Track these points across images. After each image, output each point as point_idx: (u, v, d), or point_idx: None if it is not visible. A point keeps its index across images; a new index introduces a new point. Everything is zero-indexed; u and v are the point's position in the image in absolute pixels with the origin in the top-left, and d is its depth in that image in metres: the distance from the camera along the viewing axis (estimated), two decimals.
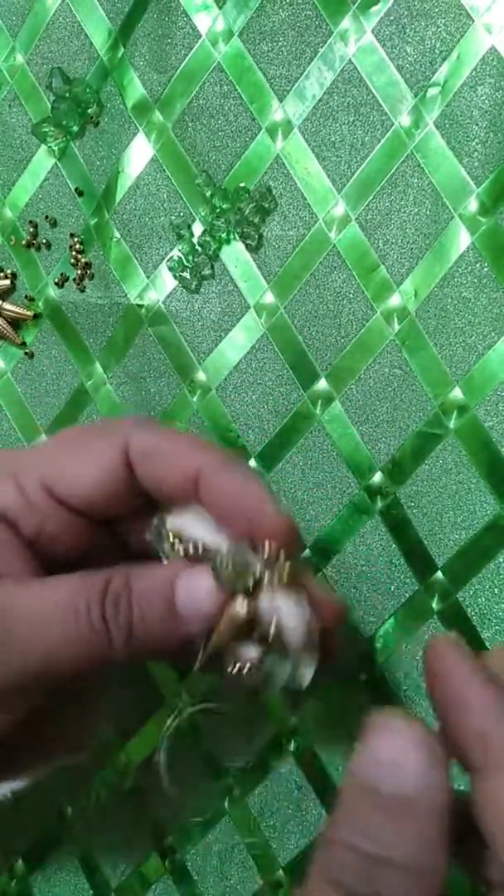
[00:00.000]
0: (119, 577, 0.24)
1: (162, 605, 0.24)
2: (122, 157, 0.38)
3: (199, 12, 0.36)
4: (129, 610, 0.23)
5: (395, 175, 0.33)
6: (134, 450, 0.25)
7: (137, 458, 0.25)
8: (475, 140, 0.31)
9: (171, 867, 0.36)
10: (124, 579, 0.24)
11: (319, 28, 0.33)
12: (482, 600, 0.31)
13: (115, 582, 0.24)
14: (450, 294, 0.32)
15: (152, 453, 0.25)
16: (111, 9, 0.38)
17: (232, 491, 0.24)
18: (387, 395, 0.33)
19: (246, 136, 0.35)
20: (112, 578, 0.24)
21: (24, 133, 0.40)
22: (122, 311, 0.38)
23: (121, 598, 0.23)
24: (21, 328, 0.41)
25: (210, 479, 0.24)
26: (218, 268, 0.36)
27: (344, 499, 0.34)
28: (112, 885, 0.38)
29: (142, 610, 0.24)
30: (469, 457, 0.32)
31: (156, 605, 0.24)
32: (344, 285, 0.34)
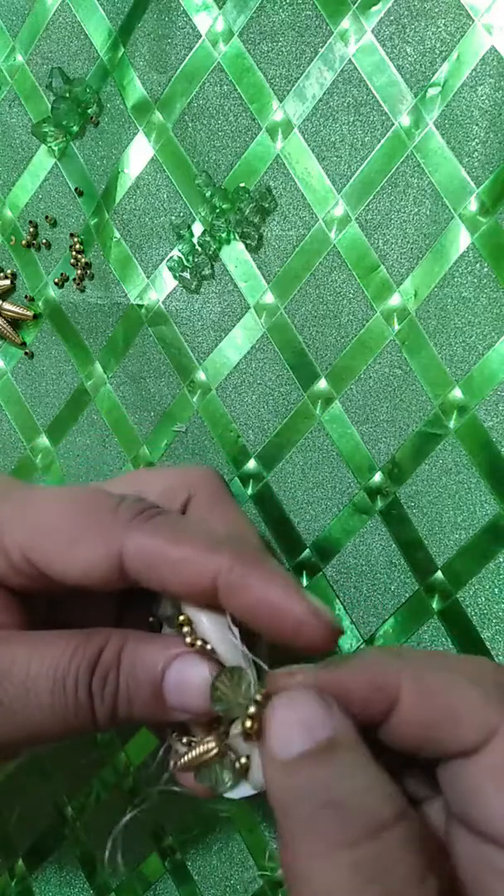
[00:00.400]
0: (111, 650, 0.22)
1: (149, 689, 0.22)
2: (122, 157, 0.38)
3: (199, 12, 0.36)
4: (116, 688, 0.22)
5: (395, 175, 0.33)
6: (130, 557, 0.22)
7: (135, 566, 0.22)
8: (475, 140, 0.31)
9: (171, 867, 0.36)
10: (116, 651, 0.22)
11: (319, 28, 0.33)
12: (482, 600, 0.31)
13: (107, 654, 0.22)
14: (450, 294, 0.32)
15: (153, 563, 0.22)
16: (111, 9, 0.38)
17: (259, 593, 0.21)
18: (387, 395, 0.33)
19: (246, 136, 0.35)
20: (104, 649, 0.22)
21: (24, 133, 0.40)
22: (122, 311, 0.38)
23: (110, 674, 0.22)
24: (21, 328, 0.41)
25: (230, 588, 0.21)
26: (218, 268, 0.36)
27: (344, 499, 0.34)
28: (112, 885, 0.38)
29: (128, 691, 0.22)
30: (469, 457, 0.32)
31: (143, 688, 0.22)
32: (344, 285, 0.34)
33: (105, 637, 0.23)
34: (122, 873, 0.22)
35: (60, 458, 0.40)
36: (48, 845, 0.39)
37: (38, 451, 0.41)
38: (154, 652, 0.22)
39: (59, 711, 0.22)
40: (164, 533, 0.22)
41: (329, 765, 0.18)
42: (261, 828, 0.35)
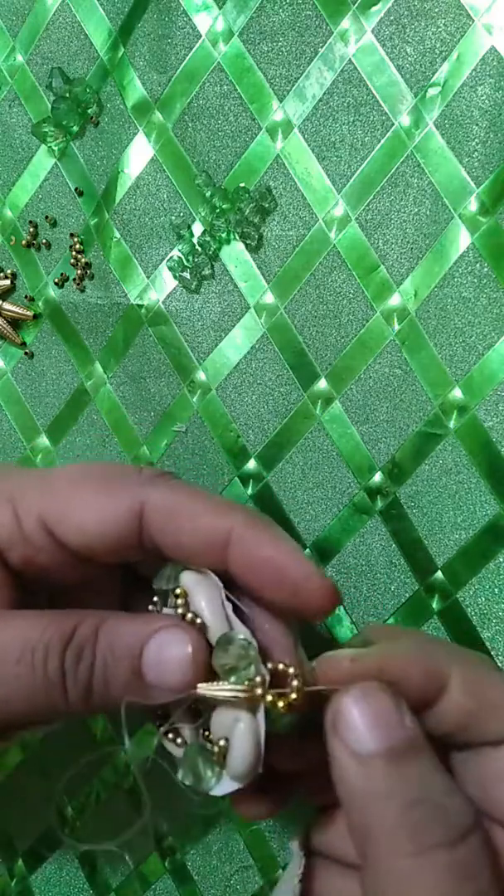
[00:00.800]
0: (88, 624, 0.21)
1: (127, 666, 0.21)
2: (122, 157, 0.38)
3: (199, 12, 0.36)
4: (92, 665, 0.21)
5: (395, 175, 0.33)
6: (152, 509, 0.23)
7: (155, 519, 0.23)
8: (475, 140, 0.31)
9: (171, 867, 0.36)
10: (94, 627, 0.21)
11: (319, 28, 0.33)
12: (482, 600, 0.31)
13: (83, 629, 0.21)
14: (450, 294, 0.32)
15: (174, 514, 0.22)
16: (111, 9, 0.38)
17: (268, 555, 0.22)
18: (387, 395, 0.33)
19: (246, 136, 0.35)
20: (81, 624, 0.21)
21: (24, 133, 0.40)
22: (122, 311, 0.38)
23: (84, 650, 0.21)
24: (21, 328, 0.41)
25: (242, 544, 0.22)
26: (218, 268, 0.36)
27: (344, 499, 0.34)
28: (112, 885, 0.38)
29: (105, 668, 0.21)
30: (469, 457, 0.32)
31: (121, 665, 0.21)
32: (344, 285, 0.34)
33: (82, 614, 0.22)
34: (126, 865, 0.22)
35: (60, 458, 0.40)
36: (48, 845, 0.39)
37: (38, 451, 0.41)
38: (134, 627, 0.22)
39: (25, 684, 0.21)
40: (186, 490, 0.23)
41: (412, 764, 0.18)
42: (261, 827, 0.35)
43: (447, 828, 0.18)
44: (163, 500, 0.23)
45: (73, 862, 0.39)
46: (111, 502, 0.23)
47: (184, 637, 0.21)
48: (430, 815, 0.18)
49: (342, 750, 0.19)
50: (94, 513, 0.23)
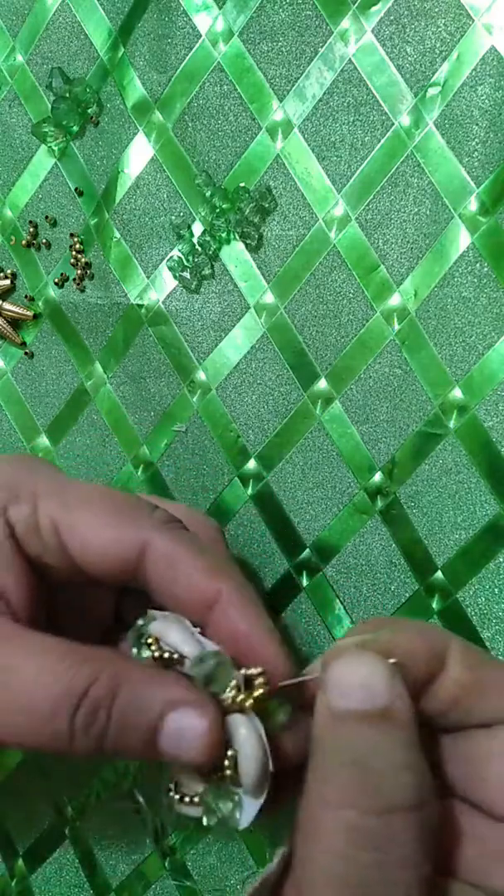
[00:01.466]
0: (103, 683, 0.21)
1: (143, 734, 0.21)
2: (122, 157, 0.38)
3: (199, 12, 0.36)
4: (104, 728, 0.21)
5: (395, 175, 0.33)
6: (153, 553, 0.24)
7: (154, 563, 0.24)
8: (475, 140, 0.31)
9: (171, 867, 0.36)
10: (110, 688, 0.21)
11: (319, 28, 0.33)
12: (482, 600, 0.31)
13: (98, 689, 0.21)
14: (450, 294, 0.32)
15: (172, 565, 0.24)
16: (111, 9, 0.38)
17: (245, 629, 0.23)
18: (387, 395, 0.33)
19: (246, 136, 0.35)
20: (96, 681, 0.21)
21: (24, 133, 0.40)
22: (122, 311, 0.38)
23: (99, 713, 0.21)
24: (21, 328, 0.41)
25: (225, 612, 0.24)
26: (218, 268, 0.36)
27: (344, 499, 0.34)
28: (112, 885, 0.38)
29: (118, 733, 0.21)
30: (469, 457, 0.32)
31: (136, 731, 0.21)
32: (344, 285, 0.34)
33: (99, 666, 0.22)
34: None
35: (60, 458, 0.40)
36: (48, 845, 0.39)
37: (38, 451, 0.41)
38: (152, 695, 0.22)
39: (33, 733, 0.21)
40: (188, 544, 0.25)
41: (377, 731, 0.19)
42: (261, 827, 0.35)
43: (369, 796, 0.18)
44: (164, 548, 0.24)
45: (73, 862, 0.39)
46: (117, 533, 0.25)
47: (201, 719, 0.21)
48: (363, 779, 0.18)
49: (323, 704, 0.20)
50: (99, 537, 0.25)
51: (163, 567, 0.24)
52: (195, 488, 0.37)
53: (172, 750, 0.21)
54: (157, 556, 0.24)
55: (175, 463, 0.37)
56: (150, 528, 0.25)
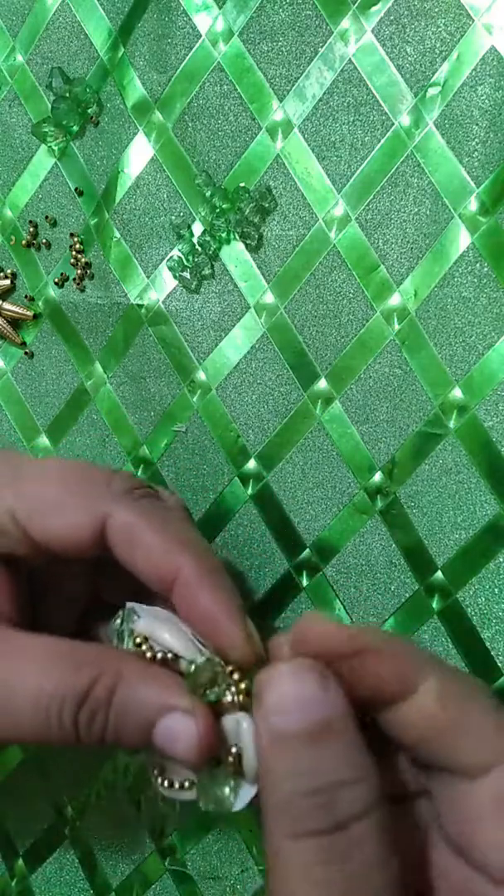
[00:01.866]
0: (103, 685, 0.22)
1: (139, 732, 0.22)
2: (122, 157, 0.38)
3: (199, 12, 0.36)
4: (104, 726, 0.22)
5: (395, 175, 0.33)
6: (111, 528, 0.24)
7: (114, 537, 0.24)
8: (475, 140, 0.31)
9: (171, 867, 0.36)
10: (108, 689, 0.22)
11: (319, 28, 0.33)
12: (482, 600, 0.31)
13: (98, 690, 0.22)
14: (450, 294, 0.32)
15: (130, 540, 0.24)
16: (111, 9, 0.38)
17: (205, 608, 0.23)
18: (387, 395, 0.33)
19: (246, 136, 0.35)
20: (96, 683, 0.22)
21: (24, 133, 0.40)
22: (122, 311, 0.38)
23: (98, 713, 0.22)
24: (21, 328, 0.41)
25: (186, 587, 0.23)
26: (218, 268, 0.36)
27: (344, 499, 0.34)
28: (112, 885, 0.38)
29: (116, 730, 0.22)
30: (469, 457, 0.32)
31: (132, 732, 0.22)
32: (344, 285, 0.34)
33: (98, 668, 0.22)
34: None
35: (61, 457, 0.40)
36: (48, 845, 0.39)
37: (38, 451, 0.41)
38: (148, 697, 0.22)
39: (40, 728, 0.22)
40: (148, 516, 0.24)
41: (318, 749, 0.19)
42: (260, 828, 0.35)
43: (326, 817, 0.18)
44: (122, 522, 0.24)
45: (73, 862, 0.39)
46: (74, 515, 0.24)
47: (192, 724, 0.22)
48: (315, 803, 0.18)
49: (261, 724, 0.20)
50: (58, 518, 0.24)
51: (123, 541, 0.24)
52: (195, 488, 0.37)
53: (166, 747, 0.22)
54: (116, 530, 0.24)
55: (175, 463, 0.37)
56: (108, 501, 0.24)
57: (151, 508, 0.25)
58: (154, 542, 0.24)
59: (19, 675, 0.22)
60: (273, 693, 0.20)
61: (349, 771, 0.19)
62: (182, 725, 0.22)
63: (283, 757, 0.19)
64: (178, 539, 0.24)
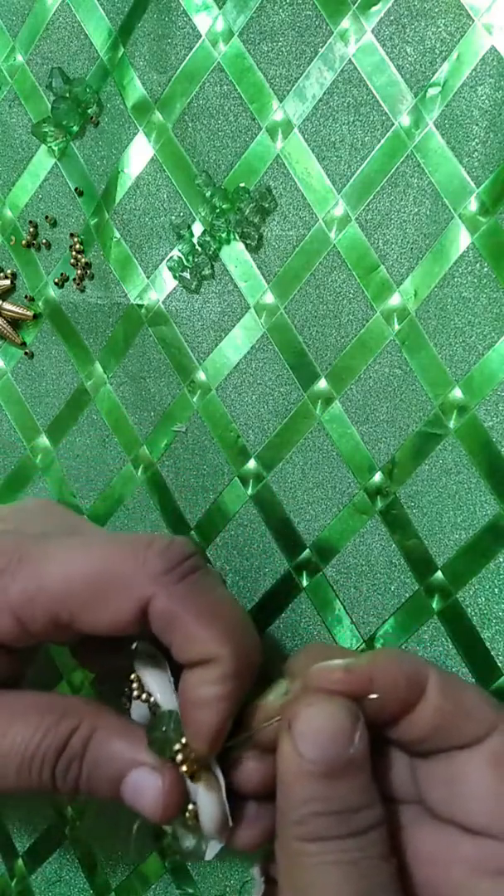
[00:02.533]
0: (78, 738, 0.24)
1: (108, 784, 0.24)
2: (122, 157, 0.38)
3: (199, 12, 0.36)
4: (78, 776, 0.24)
5: (395, 175, 0.33)
6: (153, 615, 0.24)
7: (155, 623, 0.24)
8: (475, 140, 0.31)
9: (171, 867, 0.36)
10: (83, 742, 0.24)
11: (319, 28, 0.33)
12: (482, 600, 0.31)
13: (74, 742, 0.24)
14: (450, 294, 0.32)
15: (171, 626, 0.24)
16: (111, 9, 0.38)
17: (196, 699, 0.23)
18: (387, 395, 0.33)
19: (246, 136, 0.35)
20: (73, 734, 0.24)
21: (24, 133, 0.40)
22: (122, 311, 0.38)
23: (73, 763, 0.24)
24: (21, 328, 0.41)
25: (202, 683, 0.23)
26: (218, 268, 0.36)
27: (344, 499, 0.34)
28: (112, 885, 0.38)
29: (89, 780, 0.24)
30: (469, 457, 0.32)
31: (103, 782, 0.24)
32: (344, 285, 0.34)
33: (76, 720, 0.24)
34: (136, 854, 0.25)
35: (60, 458, 0.40)
36: (48, 845, 0.39)
37: (38, 451, 0.41)
38: (117, 753, 0.24)
39: (23, 783, 0.24)
40: (189, 600, 0.24)
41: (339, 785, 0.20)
42: None
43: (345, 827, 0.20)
44: (162, 608, 0.24)
45: (73, 862, 0.39)
46: (115, 606, 0.24)
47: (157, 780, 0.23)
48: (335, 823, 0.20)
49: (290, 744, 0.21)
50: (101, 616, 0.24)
51: (162, 626, 0.24)
52: (195, 488, 0.37)
53: (134, 801, 0.23)
54: (157, 616, 0.24)
55: (175, 463, 0.37)
56: (145, 584, 0.24)
57: (192, 591, 0.24)
58: (193, 632, 0.23)
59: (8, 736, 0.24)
60: (308, 723, 0.21)
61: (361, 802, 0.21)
62: (148, 782, 0.23)
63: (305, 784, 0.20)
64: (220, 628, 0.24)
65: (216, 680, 0.23)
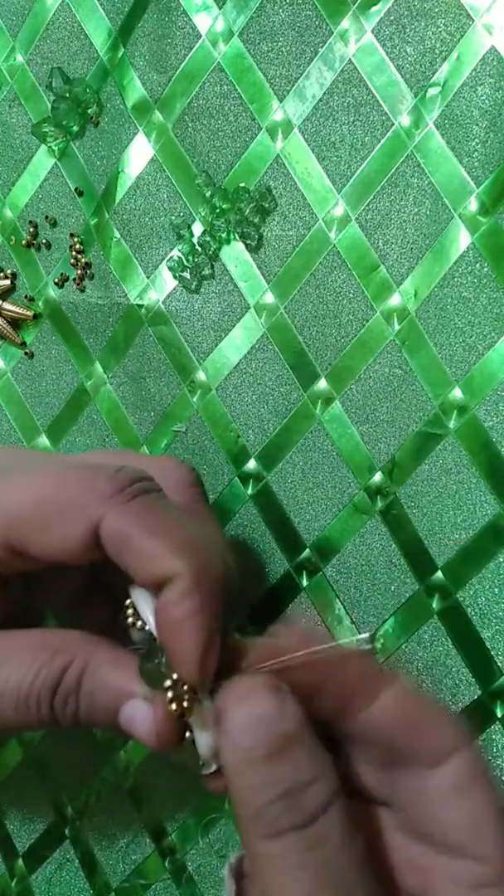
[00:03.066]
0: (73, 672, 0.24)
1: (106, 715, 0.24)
2: (122, 157, 0.38)
3: (199, 12, 0.36)
4: (76, 709, 0.24)
5: (395, 175, 0.33)
6: (104, 535, 0.23)
7: (107, 544, 0.23)
8: (475, 140, 0.31)
9: (171, 867, 0.36)
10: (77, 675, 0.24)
11: (319, 28, 0.33)
12: (482, 600, 0.31)
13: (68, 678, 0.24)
14: (450, 294, 0.32)
15: (122, 545, 0.23)
16: (111, 9, 0.38)
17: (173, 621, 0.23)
18: (387, 395, 0.33)
19: (246, 136, 0.35)
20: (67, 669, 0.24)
21: (24, 133, 0.40)
22: (122, 311, 0.38)
23: (69, 697, 0.24)
24: (21, 328, 0.41)
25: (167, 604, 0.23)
26: (218, 268, 0.36)
27: (344, 499, 0.34)
28: (112, 885, 0.38)
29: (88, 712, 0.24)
30: (469, 457, 0.32)
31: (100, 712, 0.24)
32: (344, 285, 0.34)
33: (70, 655, 0.24)
34: None
35: None
36: (48, 845, 0.39)
37: (39, 450, 0.40)
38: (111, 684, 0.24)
39: (23, 720, 0.24)
40: (139, 519, 0.23)
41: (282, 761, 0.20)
42: None
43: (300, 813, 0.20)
44: (112, 527, 0.23)
45: (74, 862, 0.39)
46: (65, 527, 0.23)
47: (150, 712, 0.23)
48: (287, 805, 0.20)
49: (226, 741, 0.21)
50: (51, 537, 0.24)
51: (115, 546, 0.23)
52: None
53: (131, 730, 0.23)
54: (108, 536, 0.23)
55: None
56: (97, 505, 0.23)
57: (143, 509, 0.24)
58: (146, 548, 0.23)
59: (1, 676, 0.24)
60: (234, 715, 0.21)
61: (310, 772, 0.21)
62: (142, 713, 0.23)
63: (250, 773, 0.21)
64: (173, 543, 0.23)
65: (180, 597, 0.22)
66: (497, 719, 0.31)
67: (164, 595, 0.23)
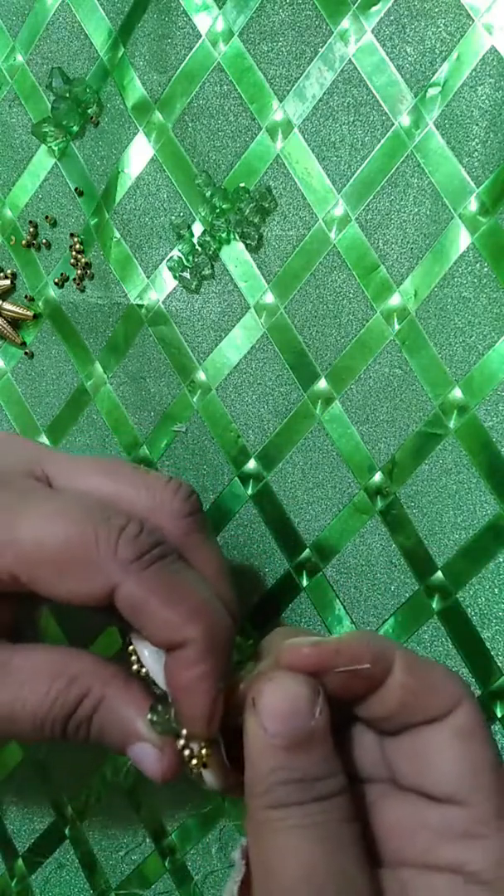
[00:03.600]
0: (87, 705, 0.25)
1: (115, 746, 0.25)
2: (122, 157, 0.38)
3: (199, 12, 0.36)
4: (88, 734, 0.25)
5: (395, 175, 0.33)
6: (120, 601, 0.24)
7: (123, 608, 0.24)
8: (475, 140, 0.31)
9: (171, 867, 0.36)
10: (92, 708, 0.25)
11: (319, 28, 0.33)
12: (482, 600, 0.31)
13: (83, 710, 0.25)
14: (450, 294, 0.32)
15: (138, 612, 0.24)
16: (111, 9, 0.38)
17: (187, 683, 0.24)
18: (387, 395, 0.33)
19: (246, 136, 0.35)
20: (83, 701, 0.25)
21: (24, 133, 0.40)
22: (122, 311, 0.38)
23: (83, 724, 0.25)
24: (21, 328, 0.41)
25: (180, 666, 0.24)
26: (218, 268, 0.36)
27: (344, 499, 0.34)
28: (112, 885, 0.38)
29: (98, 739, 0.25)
30: (469, 457, 0.32)
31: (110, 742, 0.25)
32: (344, 285, 0.34)
33: (85, 686, 0.25)
34: None
35: None
36: (48, 845, 0.39)
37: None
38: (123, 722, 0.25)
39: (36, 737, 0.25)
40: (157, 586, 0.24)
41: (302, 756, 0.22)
42: None
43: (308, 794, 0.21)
44: (129, 594, 0.24)
45: (73, 862, 0.39)
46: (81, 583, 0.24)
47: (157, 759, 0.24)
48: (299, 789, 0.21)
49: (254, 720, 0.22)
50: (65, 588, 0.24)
51: (130, 611, 0.24)
52: (195, 488, 0.37)
53: (137, 765, 0.25)
54: (123, 602, 0.24)
55: (175, 463, 0.37)
56: (116, 571, 0.24)
57: (160, 578, 0.24)
58: (161, 616, 0.24)
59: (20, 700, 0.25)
60: (270, 700, 0.22)
61: (325, 771, 0.22)
62: (150, 756, 0.24)
63: (269, 756, 0.22)
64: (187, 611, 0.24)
65: (193, 662, 0.23)
66: (497, 719, 0.31)
67: (176, 656, 0.24)
